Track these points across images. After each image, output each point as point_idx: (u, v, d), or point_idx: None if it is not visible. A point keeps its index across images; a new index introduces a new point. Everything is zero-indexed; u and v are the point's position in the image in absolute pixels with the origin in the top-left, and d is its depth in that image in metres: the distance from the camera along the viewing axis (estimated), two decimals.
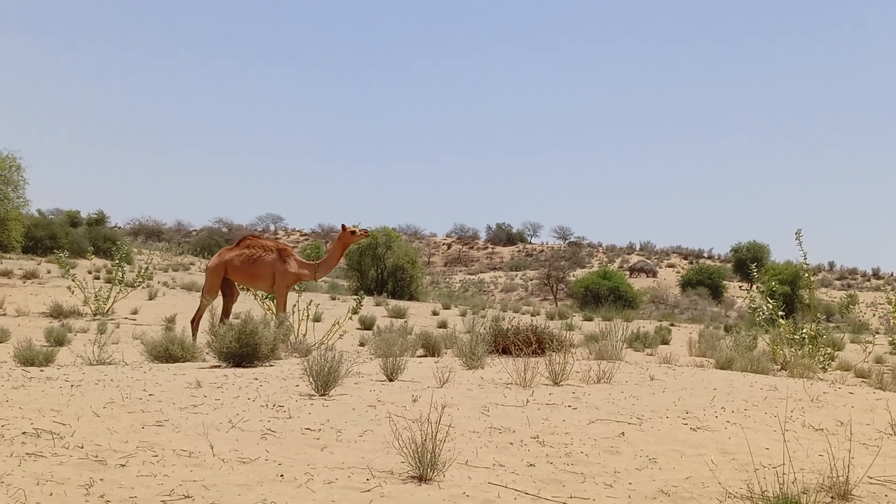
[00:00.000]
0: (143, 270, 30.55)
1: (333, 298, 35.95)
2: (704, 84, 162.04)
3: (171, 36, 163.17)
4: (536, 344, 14.14)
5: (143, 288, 31.30)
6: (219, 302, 17.71)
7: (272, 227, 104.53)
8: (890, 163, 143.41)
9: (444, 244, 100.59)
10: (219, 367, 12.06)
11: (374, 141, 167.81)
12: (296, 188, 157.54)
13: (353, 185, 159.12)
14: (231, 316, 17.72)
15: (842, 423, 8.72)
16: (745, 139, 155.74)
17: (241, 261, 17.18)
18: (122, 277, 28.25)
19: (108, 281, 30.68)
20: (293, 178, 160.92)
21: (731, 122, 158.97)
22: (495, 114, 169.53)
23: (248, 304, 26.05)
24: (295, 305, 17.87)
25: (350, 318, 19.70)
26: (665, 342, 26.07)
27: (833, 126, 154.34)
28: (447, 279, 77.86)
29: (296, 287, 19.28)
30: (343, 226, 17.51)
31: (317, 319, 22.29)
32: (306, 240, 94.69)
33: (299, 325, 17.94)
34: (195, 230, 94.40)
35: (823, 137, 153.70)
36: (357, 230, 17.47)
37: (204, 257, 64.92)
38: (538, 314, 37.22)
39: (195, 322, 17.42)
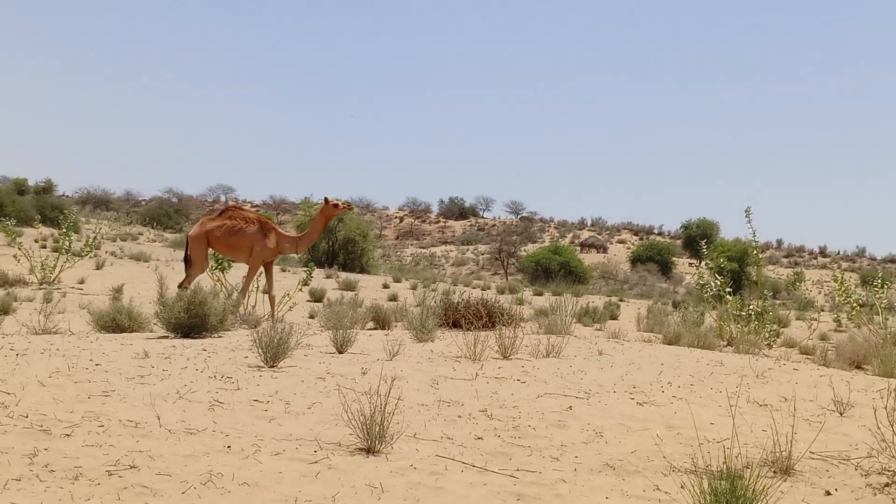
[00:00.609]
0: (90, 240, 30.11)
1: (284, 270, 35.76)
2: (656, 60, 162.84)
3: (124, 6, 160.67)
4: (487, 318, 14.20)
5: (90, 258, 30.90)
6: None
7: (223, 198, 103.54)
8: (837, 143, 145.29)
9: (396, 217, 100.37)
10: (167, 337, 11.96)
11: (327, 112, 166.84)
12: (247, 158, 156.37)
13: (306, 157, 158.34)
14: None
15: (786, 399, 8.84)
16: (696, 116, 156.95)
17: (223, 231, 16.91)
18: (70, 247, 27.86)
19: (55, 250, 30.22)
20: (244, 148, 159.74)
21: (681, 99, 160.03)
22: (449, 87, 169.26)
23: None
24: (244, 277, 17.76)
25: (300, 290, 19.63)
26: (614, 317, 26.27)
27: (783, 105, 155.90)
28: (399, 252, 77.71)
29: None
30: (326, 198, 17.16)
31: (266, 291, 22.21)
32: (257, 211, 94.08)
33: (248, 296, 17.84)
34: (144, 200, 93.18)
35: (773, 116, 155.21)
36: (340, 203, 17.25)
37: (154, 227, 64.23)
38: (489, 288, 37.30)
39: (181, 287, 17.29)
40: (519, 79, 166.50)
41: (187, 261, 17.07)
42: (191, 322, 12.14)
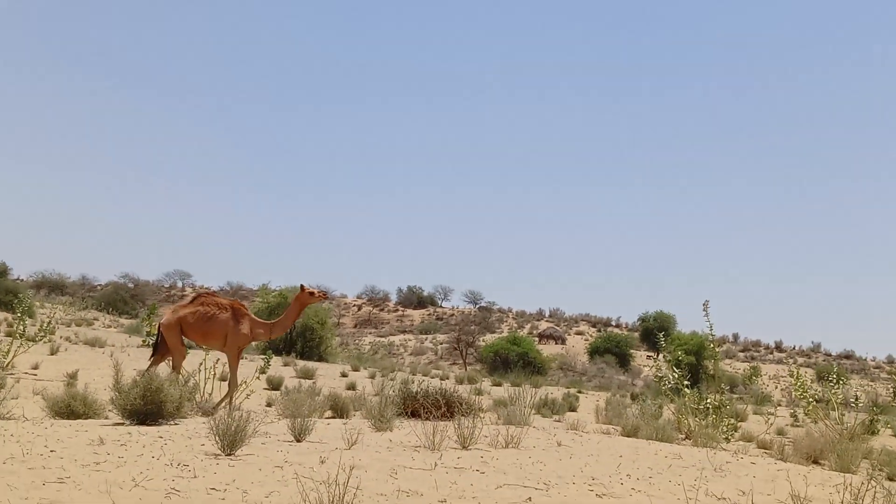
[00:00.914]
0: (44, 325, 29.71)
1: (242, 358, 35.52)
2: (611, 149, 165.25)
3: (76, 69, 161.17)
4: (445, 407, 14.18)
5: (44, 342, 30.51)
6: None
7: (180, 284, 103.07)
8: (793, 239, 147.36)
9: (354, 305, 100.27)
10: (122, 424, 11.83)
11: (284, 199, 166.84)
12: (204, 244, 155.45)
13: (263, 243, 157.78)
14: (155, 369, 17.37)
15: (744, 493, 8.87)
16: (653, 212, 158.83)
17: (196, 318, 16.71)
18: (24, 331, 27.49)
19: (9, 335, 29.82)
20: (201, 234, 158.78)
21: (638, 193, 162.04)
22: (406, 177, 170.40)
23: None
24: (201, 364, 17.60)
25: (258, 377, 19.52)
26: (573, 409, 26.27)
27: (738, 199, 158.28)
28: (357, 341, 77.46)
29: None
30: (302, 286, 17.15)
31: (223, 379, 22.01)
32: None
33: (205, 384, 17.69)
34: (100, 285, 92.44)
35: (728, 211, 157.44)
36: (316, 291, 17.21)
37: (109, 312, 63.62)
38: (447, 378, 37.23)
39: (172, 373, 17.15)
40: (476, 168, 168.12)
41: (156, 348, 16.93)
42: (147, 409, 12.03)
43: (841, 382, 20.10)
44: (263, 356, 19.21)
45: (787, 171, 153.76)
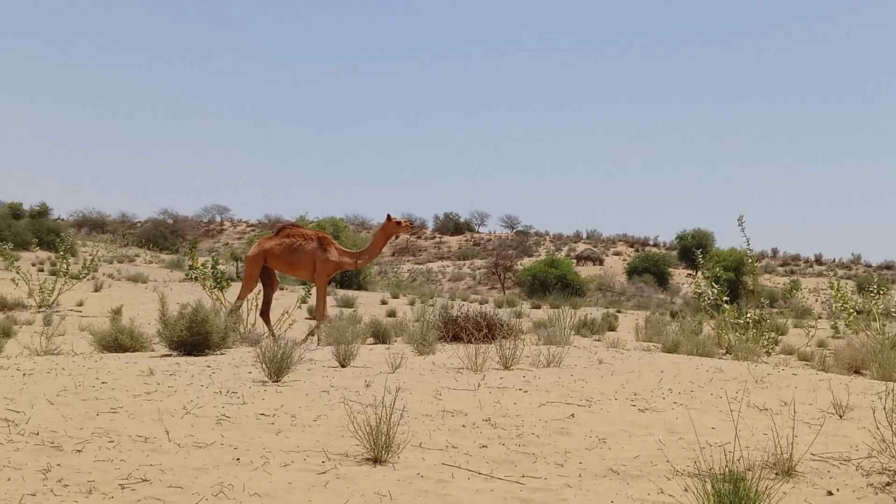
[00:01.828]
0: (87, 262, 30.12)
1: (282, 289, 35.79)
2: (648, 71, 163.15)
3: (112, 23, 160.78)
4: (487, 330, 14.28)
5: (88, 280, 30.93)
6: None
7: (218, 218, 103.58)
8: (832, 150, 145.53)
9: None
10: (170, 356, 12.04)
11: (320, 130, 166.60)
12: (242, 178, 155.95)
13: (301, 175, 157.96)
14: (271, 305, 17.68)
15: (785, 403, 8.91)
16: (690, 127, 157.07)
17: (282, 249, 17.03)
18: (67, 269, 27.86)
19: (53, 273, 30.25)
20: (239, 168, 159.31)
21: (673, 110, 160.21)
22: (441, 103, 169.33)
23: (198, 293, 25.89)
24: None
25: (299, 307, 19.71)
26: (612, 328, 26.36)
27: (776, 114, 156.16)
28: (395, 269, 77.71)
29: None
30: (388, 215, 17.31)
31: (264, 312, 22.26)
32: (252, 230, 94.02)
33: (248, 314, 17.91)
34: (140, 221, 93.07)
35: (766, 126, 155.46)
36: (402, 221, 17.37)
37: (150, 248, 64.17)
38: (486, 303, 37.40)
39: (232, 308, 17.44)
40: (512, 93, 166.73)
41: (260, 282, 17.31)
42: (193, 340, 12.23)
43: (881, 293, 19.95)
44: (304, 286, 19.29)
45: (823, 75, 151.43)
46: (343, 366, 10.78)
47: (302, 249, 16.99)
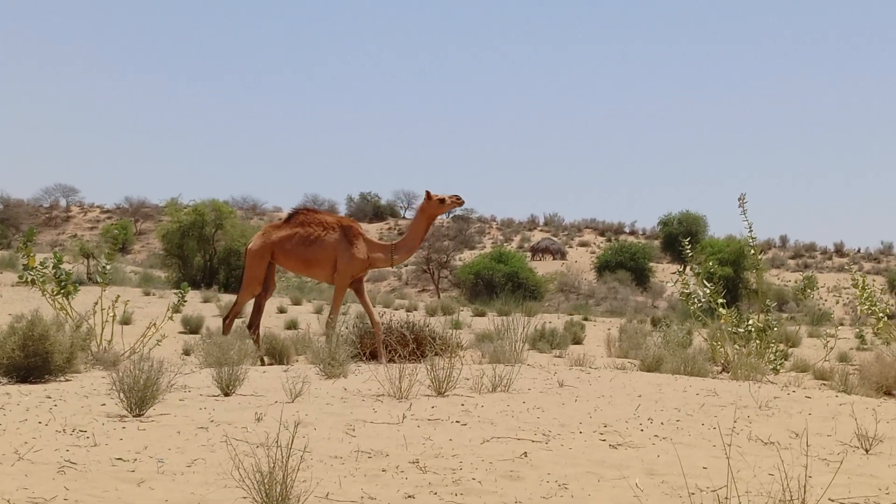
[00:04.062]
0: None
1: (148, 294, 35.55)
2: (627, 27, 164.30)
3: None
4: (414, 345, 14.27)
5: None
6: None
7: (63, 203, 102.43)
8: (852, 117, 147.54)
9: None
10: None
11: (199, 91, 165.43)
12: (94, 152, 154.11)
13: (170, 149, 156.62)
14: (262, 315, 17.55)
15: (797, 435, 9.02)
16: (676, 87, 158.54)
17: (295, 242, 16.65)
18: None
19: None
20: (91, 139, 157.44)
21: (656, 68, 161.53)
22: (355, 57, 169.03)
23: (36, 300, 25.57)
24: (96, 303, 17.59)
25: (170, 318, 19.54)
26: (578, 341, 26.51)
27: (778, 71, 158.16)
28: None
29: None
30: (427, 193, 16.79)
31: (126, 321, 22.02)
32: (109, 218, 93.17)
33: (102, 328, 17.72)
34: None
35: (768, 85, 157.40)
36: (447, 198, 16.77)
37: None
38: (416, 309, 37.46)
39: (228, 321, 17.14)
40: (449, 48, 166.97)
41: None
42: (28, 363, 12.01)
43: None
44: (177, 291, 19.09)
45: (839, 33, 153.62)
46: (227, 394, 10.70)
47: (321, 243, 16.55)
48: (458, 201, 16.93)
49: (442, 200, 16.67)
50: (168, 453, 7.60)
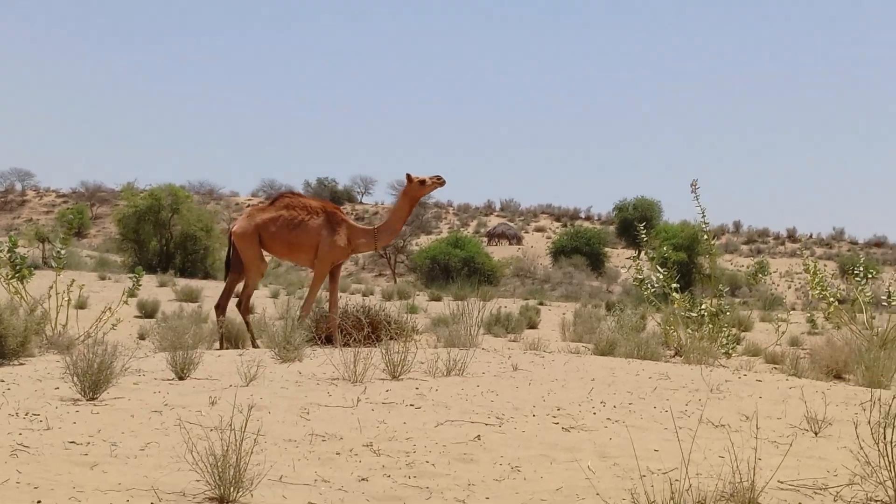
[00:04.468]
0: None
1: (103, 278, 35.32)
2: (581, 12, 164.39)
3: None
4: (370, 329, 14.24)
5: None
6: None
7: (18, 187, 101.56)
8: (807, 101, 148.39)
9: (248, 206, 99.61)
10: None
11: (156, 76, 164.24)
12: (51, 137, 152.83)
13: (127, 133, 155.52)
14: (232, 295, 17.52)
15: (747, 418, 9.08)
16: (630, 73, 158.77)
17: (280, 225, 16.61)
18: None
19: None
20: (48, 123, 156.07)
21: (611, 55, 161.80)
22: (313, 41, 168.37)
23: None
24: (51, 287, 17.45)
25: (126, 302, 19.43)
26: (532, 325, 26.57)
27: (729, 58, 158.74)
28: None
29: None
30: (408, 175, 16.80)
31: (81, 306, 21.87)
32: (65, 202, 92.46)
33: (58, 312, 17.58)
34: None
35: (721, 72, 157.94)
36: (427, 179, 16.78)
37: None
38: (372, 294, 37.43)
39: (243, 306, 17.16)
40: (405, 31, 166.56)
41: (230, 265, 16.76)
42: None
43: (870, 277, 20.38)
44: (132, 275, 18.96)
45: (796, 18, 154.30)
46: (181, 378, 10.65)
47: (305, 227, 16.57)
48: (438, 182, 16.92)
49: (423, 182, 16.73)
50: (122, 437, 7.56)
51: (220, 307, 16.89)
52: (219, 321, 16.56)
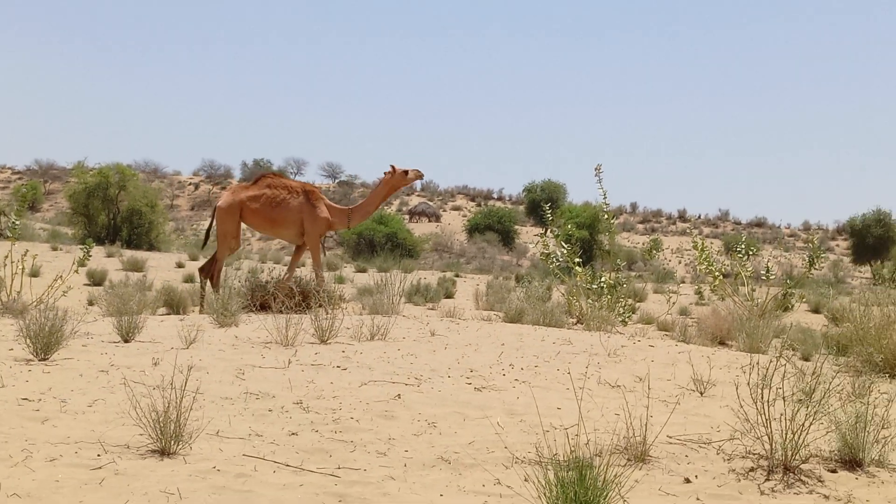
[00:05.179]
0: None
1: (55, 249, 34.82)
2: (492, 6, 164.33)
3: None
4: (301, 297, 14.20)
5: None
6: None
7: None
8: (696, 93, 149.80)
9: (190, 184, 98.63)
10: None
11: (105, 60, 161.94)
12: (6, 118, 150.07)
13: (78, 114, 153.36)
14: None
15: (640, 379, 9.18)
16: (539, 65, 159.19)
17: (262, 203, 16.66)
18: None
19: None
20: (2, 106, 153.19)
21: (523, 47, 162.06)
22: (248, 26, 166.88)
23: None
24: (7, 257, 17.20)
25: (76, 271, 19.20)
26: (449, 295, 26.61)
27: (632, 52, 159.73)
28: (195, 226, 76.56)
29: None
30: (392, 166, 16.97)
31: (34, 274, 21.57)
32: (19, 178, 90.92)
33: (12, 279, 17.33)
34: None
35: (622, 65, 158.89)
36: (409, 171, 16.99)
37: None
38: (303, 265, 37.21)
39: (215, 277, 16.84)
40: (336, 23, 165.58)
41: (208, 236, 16.63)
42: None
43: (750, 254, 20.65)
44: (82, 246, 18.77)
45: (688, 18, 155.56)
46: (126, 341, 10.56)
47: (286, 205, 16.67)
48: (419, 175, 17.22)
49: (405, 172, 16.99)
50: (71, 394, 7.49)
51: (205, 271, 16.92)
52: (203, 286, 16.66)
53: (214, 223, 16.99)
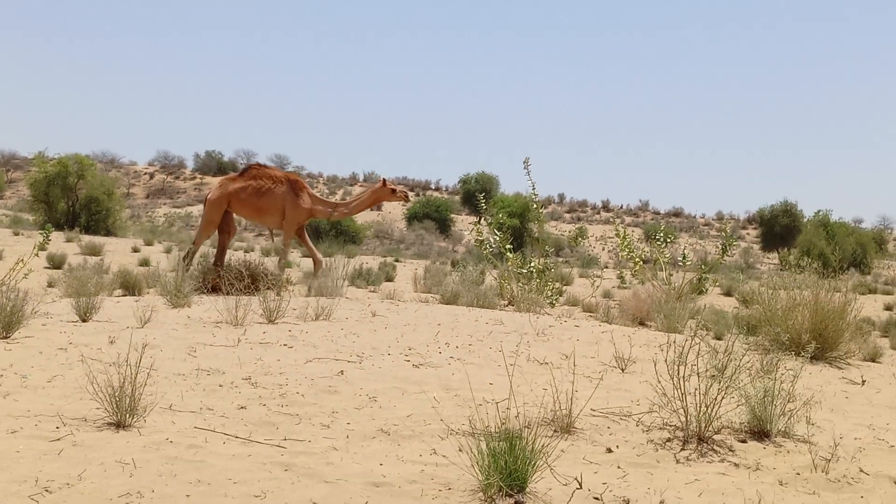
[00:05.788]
0: None
1: (17, 234, 34.38)
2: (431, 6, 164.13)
3: None
4: (250, 280, 14.13)
5: None
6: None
7: None
8: (617, 89, 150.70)
9: (145, 174, 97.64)
10: None
11: (65, 52, 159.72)
12: None
13: (39, 105, 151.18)
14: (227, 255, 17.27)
15: (566, 357, 9.24)
16: (472, 62, 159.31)
17: (248, 193, 16.67)
18: None
19: None
20: None
21: (460, 41, 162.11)
22: (202, 24, 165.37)
23: None
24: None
25: (36, 255, 18.93)
26: (389, 279, 26.64)
27: (557, 44, 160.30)
28: (150, 213, 75.89)
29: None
30: (383, 180, 17.03)
31: None
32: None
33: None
34: None
35: (549, 58, 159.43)
36: (398, 189, 17.03)
37: None
38: (252, 250, 37.03)
39: (189, 258, 16.76)
40: (282, 20, 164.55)
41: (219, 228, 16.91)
42: None
43: (668, 241, 20.85)
44: (42, 231, 18.52)
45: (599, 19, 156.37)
46: (84, 320, 10.44)
47: (271, 193, 16.75)
48: (405, 197, 17.41)
49: (393, 191, 17.08)
50: (31, 370, 7.39)
51: (217, 263, 16.95)
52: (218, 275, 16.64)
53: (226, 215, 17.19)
